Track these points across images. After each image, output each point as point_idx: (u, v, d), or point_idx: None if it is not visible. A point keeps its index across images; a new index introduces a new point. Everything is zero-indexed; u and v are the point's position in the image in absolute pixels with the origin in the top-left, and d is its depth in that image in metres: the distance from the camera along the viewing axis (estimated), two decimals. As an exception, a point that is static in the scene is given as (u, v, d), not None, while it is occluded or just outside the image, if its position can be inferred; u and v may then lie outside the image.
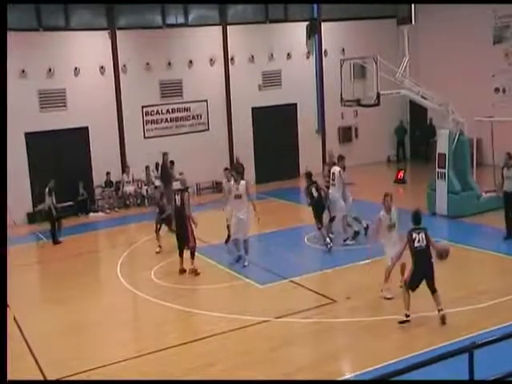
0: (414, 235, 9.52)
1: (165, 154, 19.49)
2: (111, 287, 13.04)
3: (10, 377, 9.04)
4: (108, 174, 20.71)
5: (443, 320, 9.49)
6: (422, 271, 9.51)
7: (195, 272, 12.97)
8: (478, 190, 16.52)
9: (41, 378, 8.92)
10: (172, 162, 20.03)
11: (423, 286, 10.71)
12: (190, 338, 9.88)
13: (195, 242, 13.14)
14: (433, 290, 9.60)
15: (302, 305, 11.00)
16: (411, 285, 9.56)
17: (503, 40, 22.07)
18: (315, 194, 13.93)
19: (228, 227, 14.25)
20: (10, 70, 18.97)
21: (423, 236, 9.52)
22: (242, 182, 13.60)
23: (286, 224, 16.60)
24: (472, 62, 22.28)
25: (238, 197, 13.37)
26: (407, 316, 9.55)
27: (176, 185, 19.12)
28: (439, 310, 9.57)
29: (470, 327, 9.20)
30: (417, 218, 9.78)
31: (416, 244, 9.48)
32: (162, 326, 10.59)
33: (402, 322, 9.56)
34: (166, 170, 19.45)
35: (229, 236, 14.28)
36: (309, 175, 14.33)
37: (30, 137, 19.62)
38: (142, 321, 11.56)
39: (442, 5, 22.92)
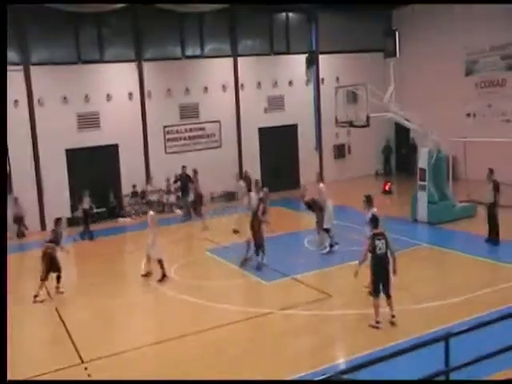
0: (377, 242, 9.16)
1: (183, 167, 19.54)
2: (136, 282, 13.03)
3: (55, 358, 9.23)
4: (134, 186, 20.82)
5: (392, 324, 9.32)
6: (380, 276, 9.25)
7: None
8: (453, 200, 16.57)
9: (78, 360, 9.02)
10: (195, 171, 20.00)
11: (412, 281, 10.81)
12: (204, 327, 9.89)
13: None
14: (387, 294, 9.31)
15: (302, 299, 11.04)
16: (376, 291, 9.28)
17: (473, 72, 22.20)
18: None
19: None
20: (55, 97, 19.39)
21: (384, 242, 9.19)
22: (264, 190, 13.99)
23: (288, 229, 16.65)
24: (448, 91, 22.39)
25: None
26: (377, 322, 9.29)
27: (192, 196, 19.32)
28: (392, 316, 9.33)
29: (446, 319, 9.25)
30: (375, 222, 9.47)
31: (378, 251, 9.15)
32: (179, 317, 10.67)
33: (372, 326, 9.29)
34: (183, 180, 19.45)
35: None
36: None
37: (69, 153, 19.80)
38: (162, 312, 11.58)
39: (423, 41, 23.15)
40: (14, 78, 18.58)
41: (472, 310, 9.53)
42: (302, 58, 23.80)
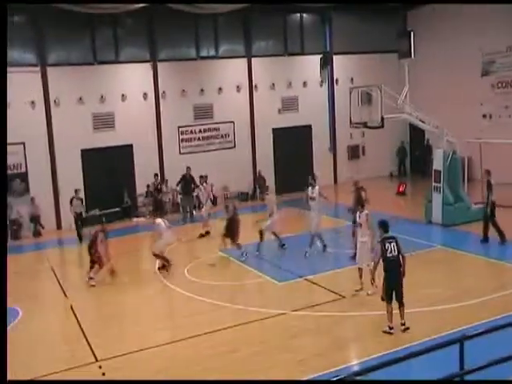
0: (387, 245, 9.02)
1: (188, 168, 19.61)
2: (150, 282, 13.10)
3: (70, 356, 9.31)
4: (148, 186, 20.88)
5: (404, 332, 9.10)
6: (393, 280, 9.06)
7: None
8: (468, 202, 16.43)
9: (93, 359, 9.09)
10: (201, 177, 20.16)
11: (425, 283, 10.70)
12: (217, 327, 9.90)
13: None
14: (400, 302, 9.07)
15: (315, 300, 11.00)
16: (388, 297, 9.08)
17: (489, 73, 22.01)
18: None
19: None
20: (71, 98, 19.56)
21: (395, 245, 9.04)
22: (316, 187, 13.97)
23: (301, 229, 16.59)
24: (463, 92, 22.21)
25: (313, 199, 13.84)
26: (390, 328, 9.10)
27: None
28: (402, 324, 9.11)
29: (460, 321, 9.17)
30: (385, 226, 9.30)
31: (388, 254, 8.99)
32: (193, 317, 10.65)
33: (385, 332, 9.13)
34: (187, 181, 19.60)
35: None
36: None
37: (84, 153, 19.93)
38: (176, 311, 11.66)
39: (438, 42, 23.01)
40: (31, 79, 18.84)
41: (487, 313, 9.45)
42: (316, 58, 23.67)
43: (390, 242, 9.08)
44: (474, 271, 12.42)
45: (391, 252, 9.03)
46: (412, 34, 16.72)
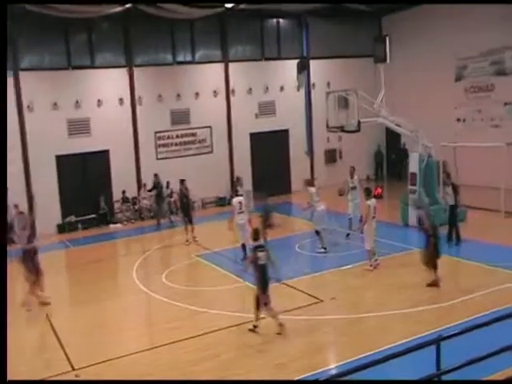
0: (259, 254, 9.56)
1: (155, 175, 20.06)
2: (128, 289, 13.02)
3: (46, 365, 9.15)
4: (123, 192, 20.68)
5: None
6: (267, 284, 9.62)
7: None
8: (443, 205, 16.63)
9: (69, 368, 8.96)
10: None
11: (403, 286, 10.81)
12: (196, 333, 9.89)
13: None
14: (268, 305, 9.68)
15: (293, 304, 11.03)
16: (264, 300, 9.63)
17: (462, 78, 22.41)
18: None
19: None
20: (45, 103, 19.32)
21: (265, 254, 9.59)
22: (355, 177, 15.11)
23: (279, 234, 16.61)
24: (437, 96, 22.58)
25: (354, 188, 14.78)
26: (255, 327, 9.73)
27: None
28: (280, 325, 9.60)
29: (437, 322, 9.29)
30: (256, 234, 9.96)
31: (260, 262, 9.54)
32: (172, 323, 10.60)
33: (250, 330, 9.73)
34: (158, 188, 20.07)
35: None
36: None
37: (59, 159, 19.67)
38: (154, 318, 11.56)
39: (413, 47, 23.39)
40: (4, 84, 18.55)
41: (464, 314, 9.58)
42: (293, 63, 23.88)
43: (261, 251, 9.59)
44: (451, 273, 12.59)
45: (262, 260, 9.56)
46: (387, 38, 16.97)
